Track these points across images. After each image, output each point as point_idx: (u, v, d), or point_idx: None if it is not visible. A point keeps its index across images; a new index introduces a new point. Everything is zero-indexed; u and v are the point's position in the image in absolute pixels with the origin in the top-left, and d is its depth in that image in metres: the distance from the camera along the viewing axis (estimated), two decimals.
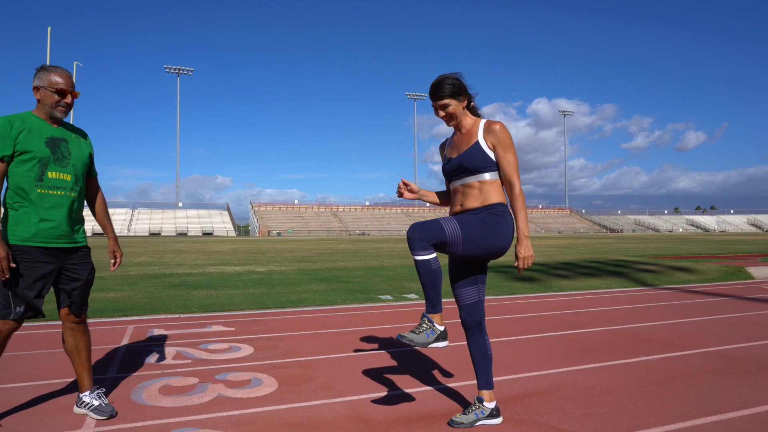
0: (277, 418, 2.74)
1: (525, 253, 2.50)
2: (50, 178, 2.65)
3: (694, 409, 2.83)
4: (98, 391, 2.84)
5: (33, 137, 2.63)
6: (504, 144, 2.57)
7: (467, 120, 2.70)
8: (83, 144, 2.86)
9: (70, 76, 2.76)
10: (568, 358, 3.93)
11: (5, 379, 3.43)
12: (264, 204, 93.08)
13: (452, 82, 2.62)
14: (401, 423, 2.66)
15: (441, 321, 2.52)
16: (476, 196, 2.61)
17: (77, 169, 2.76)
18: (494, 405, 2.67)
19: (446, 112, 2.65)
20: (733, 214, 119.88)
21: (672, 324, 5.30)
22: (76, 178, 2.75)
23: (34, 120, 2.69)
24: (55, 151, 2.68)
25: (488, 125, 2.62)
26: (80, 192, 2.80)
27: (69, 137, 2.78)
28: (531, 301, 7.01)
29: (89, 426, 2.63)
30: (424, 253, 2.43)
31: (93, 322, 5.42)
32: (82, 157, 2.81)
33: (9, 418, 2.72)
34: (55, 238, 2.67)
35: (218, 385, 3.30)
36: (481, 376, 2.70)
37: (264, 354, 4.10)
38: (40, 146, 2.64)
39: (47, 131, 2.70)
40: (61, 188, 2.68)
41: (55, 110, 2.70)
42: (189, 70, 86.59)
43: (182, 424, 2.64)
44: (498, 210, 2.57)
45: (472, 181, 2.62)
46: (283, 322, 5.50)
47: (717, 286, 8.70)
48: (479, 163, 2.59)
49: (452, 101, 2.63)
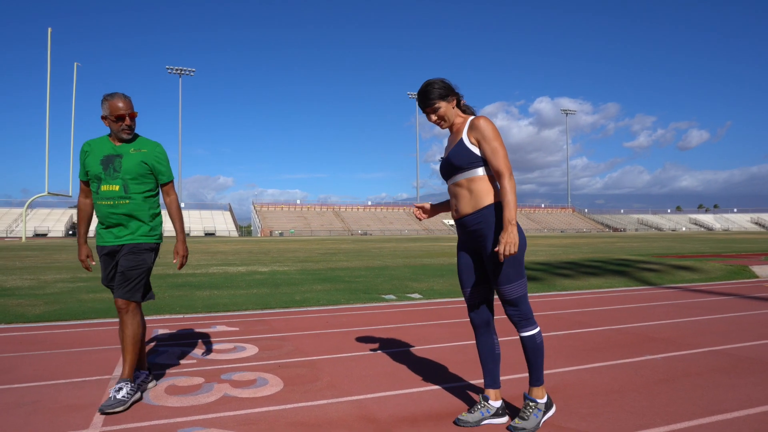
0: (283, 417, 2.74)
1: (507, 238, 2.43)
2: (103, 191, 3.09)
3: (699, 407, 2.83)
4: (121, 383, 2.94)
5: (93, 159, 3.13)
6: (488, 137, 2.56)
7: (458, 119, 2.74)
8: (139, 155, 3.17)
9: (125, 101, 3.11)
10: (572, 357, 3.93)
11: (11, 379, 3.44)
12: (266, 204, 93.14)
13: (439, 85, 2.65)
14: (407, 422, 2.66)
15: (542, 393, 2.64)
16: (467, 199, 2.62)
17: (126, 180, 3.11)
18: (500, 404, 2.68)
19: (438, 116, 2.68)
20: (736, 212, 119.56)
21: (676, 323, 5.29)
22: (125, 188, 3.10)
23: (100, 143, 3.19)
24: (107, 167, 3.10)
25: (472, 122, 2.63)
26: (133, 199, 3.13)
27: (125, 152, 3.15)
28: (534, 301, 7.01)
29: (96, 425, 2.63)
30: (532, 328, 2.60)
31: (97, 323, 5.44)
32: (134, 168, 3.13)
33: (16, 418, 2.73)
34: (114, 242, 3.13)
35: (224, 384, 3.30)
36: (487, 375, 2.71)
37: (269, 354, 4.11)
38: (96, 165, 3.10)
39: (106, 150, 3.14)
40: (110, 198, 3.08)
41: (120, 133, 3.14)
42: (191, 71, 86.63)
43: (189, 424, 2.65)
44: (490, 214, 2.58)
45: (461, 179, 2.64)
46: (287, 322, 5.51)
47: (721, 285, 8.68)
48: (465, 160, 2.60)
49: (441, 103, 2.66)
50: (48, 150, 47.02)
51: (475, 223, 2.61)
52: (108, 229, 3.14)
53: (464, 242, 2.74)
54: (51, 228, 72.69)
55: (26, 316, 5.80)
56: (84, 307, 6.34)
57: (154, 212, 3.26)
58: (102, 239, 3.17)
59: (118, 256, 3.15)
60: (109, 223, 3.12)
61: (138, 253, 3.15)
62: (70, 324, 5.39)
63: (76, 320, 5.58)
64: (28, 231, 53.60)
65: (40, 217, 75.67)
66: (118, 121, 3.09)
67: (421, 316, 5.78)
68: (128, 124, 3.11)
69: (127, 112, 3.09)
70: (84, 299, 7.04)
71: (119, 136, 3.14)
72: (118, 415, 2.78)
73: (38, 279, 9.89)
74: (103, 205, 3.10)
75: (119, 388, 2.90)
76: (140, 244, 3.17)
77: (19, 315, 5.85)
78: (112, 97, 3.08)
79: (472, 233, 2.65)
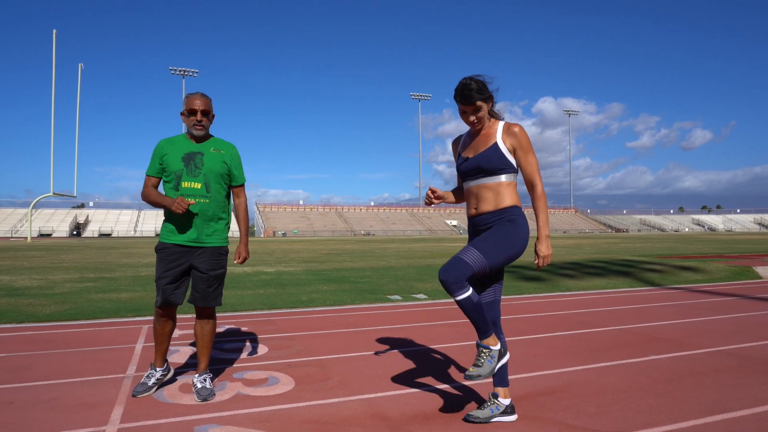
0: (296, 415, 2.81)
1: (545, 251, 2.57)
2: (184, 187, 3.14)
3: (705, 407, 2.88)
4: (204, 375, 3.17)
5: (173, 155, 3.16)
6: (525, 146, 2.62)
7: (490, 120, 2.74)
8: (220, 155, 3.24)
9: (202, 99, 3.19)
10: (578, 357, 3.98)
11: (28, 377, 3.51)
12: (269, 204, 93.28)
13: (480, 84, 2.62)
14: (419, 420, 2.72)
15: (494, 341, 2.59)
16: (490, 200, 2.65)
17: (208, 178, 3.17)
18: (509, 402, 2.73)
19: (477, 117, 2.67)
20: (739, 213, 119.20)
21: (680, 323, 5.34)
22: (206, 186, 3.16)
23: (178, 140, 3.24)
24: (188, 164, 3.15)
25: (508, 127, 2.65)
26: (213, 198, 3.19)
27: (206, 150, 3.21)
28: (539, 301, 7.06)
29: (114, 422, 2.70)
30: (463, 292, 2.48)
31: (108, 322, 5.51)
32: (216, 168, 3.20)
33: (37, 414, 2.80)
34: (189, 240, 3.16)
35: (236, 383, 3.37)
36: (496, 374, 2.75)
37: (278, 353, 4.17)
38: (177, 162, 3.15)
39: (186, 148, 3.20)
40: (191, 195, 3.13)
41: (192, 129, 3.19)
42: (194, 72, 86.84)
43: (205, 421, 2.71)
44: (511, 214, 2.63)
45: (489, 182, 2.66)
46: (294, 322, 5.57)
47: (725, 285, 8.71)
48: (497, 164, 2.63)
49: (483, 104, 2.64)
50: (53, 151, 47.21)
51: (495, 219, 2.65)
52: (184, 228, 3.15)
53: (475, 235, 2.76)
54: (55, 228, 72.96)
55: (37, 315, 5.88)
56: (93, 307, 6.42)
57: (228, 214, 3.35)
58: (176, 236, 3.15)
59: (194, 258, 3.16)
60: (188, 219, 3.13)
61: (221, 256, 3.26)
62: (81, 323, 5.46)
63: (87, 320, 5.65)
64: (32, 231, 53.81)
65: (44, 217, 75.96)
66: (190, 115, 3.16)
67: (427, 317, 5.84)
68: (199, 119, 3.15)
69: (200, 108, 3.14)
70: (93, 299, 7.12)
71: (191, 131, 3.19)
72: (136, 412, 2.84)
73: (47, 279, 9.97)
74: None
75: (204, 379, 3.15)
76: (221, 247, 3.26)
77: (30, 314, 5.92)
78: (192, 94, 3.19)
79: (486, 229, 2.68)
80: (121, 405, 2.96)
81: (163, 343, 3.30)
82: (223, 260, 3.28)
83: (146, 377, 3.22)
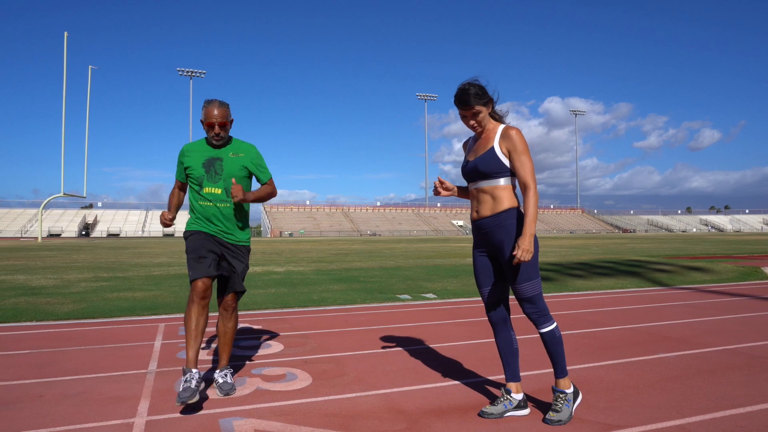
0: (315, 409, 2.90)
1: (524, 246, 2.58)
2: (205, 192, 3.26)
3: (713, 403, 2.95)
4: (225, 371, 3.28)
5: (195, 162, 3.29)
6: (519, 149, 2.66)
7: (490, 124, 2.81)
8: (239, 159, 3.33)
9: (220, 109, 3.24)
10: (588, 355, 4.06)
11: (54, 372, 3.63)
12: (275, 205, 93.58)
13: (479, 89, 2.71)
14: (434, 414, 2.81)
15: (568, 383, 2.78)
16: (488, 203, 2.74)
17: (228, 183, 3.27)
18: (522, 396, 2.82)
19: (476, 120, 2.76)
20: (748, 213, 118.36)
21: (689, 323, 5.39)
22: (226, 191, 3.27)
23: (199, 146, 3.35)
24: (209, 170, 3.27)
25: (505, 131, 2.71)
26: (233, 202, 3.27)
27: (225, 155, 3.31)
28: (548, 301, 7.12)
29: (142, 414, 2.81)
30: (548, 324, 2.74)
31: (125, 320, 5.63)
32: (235, 172, 3.30)
33: (67, 408, 2.91)
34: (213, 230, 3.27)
35: (255, 378, 3.47)
36: (508, 369, 2.86)
37: (294, 350, 4.27)
38: (199, 168, 3.28)
39: (206, 153, 3.30)
40: (211, 201, 3.25)
41: (211, 139, 3.29)
42: (201, 73, 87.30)
43: (228, 414, 2.82)
44: (507, 218, 2.71)
45: (486, 185, 2.75)
46: (307, 320, 5.67)
47: (733, 286, 8.74)
48: (493, 168, 2.70)
49: (482, 108, 2.74)
50: (63, 152, 47.62)
51: (494, 225, 2.73)
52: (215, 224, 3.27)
53: (480, 244, 2.86)
54: (64, 228, 73.58)
55: (56, 313, 6.02)
56: (110, 306, 6.55)
57: (248, 214, 3.47)
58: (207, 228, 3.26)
59: (226, 249, 3.28)
60: (213, 221, 3.26)
61: (245, 255, 3.40)
62: (99, 321, 5.59)
63: (104, 318, 5.78)
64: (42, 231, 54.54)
65: (53, 217, 76.62)
66: (209, 129, 3.24)
67: (437, 315, 5.92)
68: (216, 132, 3.23)
69: (217, 121, 3.20)
70: (109, 298, 7.26)
71: (211, 141, 3.29)
72: (163, 405, 2.95)
73: (62, 278, 10.14)
74: (206, 206, 3.26)
75: (225, 374, 3.26)
76: (245, 246, 3.41)
77: (49, 313, 6.06)
78: (209, 104, 3.23)
79: (487, 234, 2.77)
80: (147, 399, 3.07)
81: (197, 338, 3.10)
82: (246, 259, 3.41)
83: (186, 381, 2.91)
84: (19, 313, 6.05)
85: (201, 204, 3.27)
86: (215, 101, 3.24)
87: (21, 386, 3.31)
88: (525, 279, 2.69)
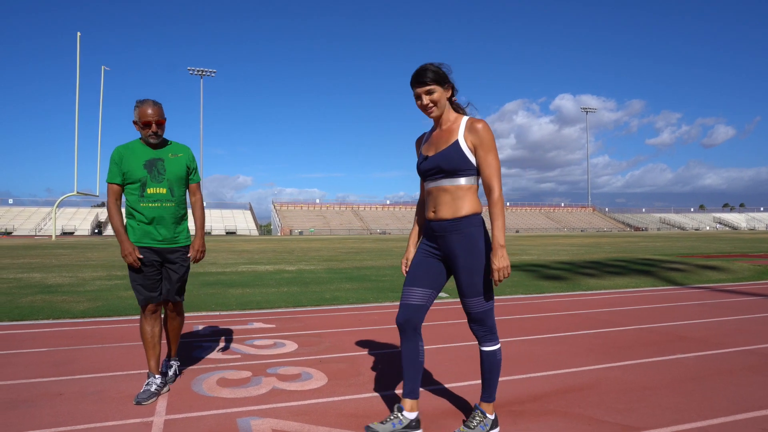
0: (332, 408, 2.91)
1: (499, 264, 2.34)
2: (149, 193, 3.24)
3: (735, 404, 2.92)
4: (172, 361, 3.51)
5: (134, 163, 3.24)
6: (486, 145, 2.40)
7: (449, 114, 2.53)
8: (179, 159, 3.36)
9: (154, 108, 3.24)
10: (604, 355, 4.02)
11: (73, 370, 3.67)
12: (286, 203, 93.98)
13: (437, 69, 2.46)
14: (451, 415, 2.80)
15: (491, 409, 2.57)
16: (449, 204, 2.46)
17: (172, 183, 3.30)
18: (415, 416, 2.56)
19: (430, 99, 2.46)
20: (763, 211, 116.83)
21: (706, 323, 5.33)
22: (171, 191, 3.29)
23: (136, 146, 3.31)
24: (151, 170, 3.26)
25: (471, 123, 2.44)
26: (177, 200, 3.33)
27: (165, 156, 3.33)
28: (561, 300, 7.08)
29: (160, 413, 2.83)
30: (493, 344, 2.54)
31: (132, 319, 5.67)
32: (177, 172, 3.33)
33: (87, 406, 2.94)
34: (158, 241, 3.28)
35: (271, 378, 3.48)
36: (407, 383, 2.57)
37: (308, 350, 4.28)
38: (139, 169, 3.24)
39: (146, 155, 3.29)
40: (157, 201, 3.25)
41: (148, 138, 3.27)
42: (212, 72, 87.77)
43: (246, 414, 2.83)
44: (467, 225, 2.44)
45: (447, 184, 2.47)
46: (320, 319, 5.68)
47: (749, 285, 8.63)
48: (457, 164, 2.43)
49: (437, 87, 2.45)
50: (77, 151, 48.15)
51: (452, 230, 2.46)
52: (154, 228, 3.24)
53: (430, 243, 2.58)
54: (77, 227, 74.40)
55: (72, 312, 6.08)
56: (125, 304, 6.61)
57: (186, 213, 3.50)
58: (146, 239, 3.25)
59: (166, 257, 3.32)
60: (156, 223, 3.25)
61: (185, 255, 3.42)
62: (114, 320, 5.64)
63: (119, 316, 5.83)
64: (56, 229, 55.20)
65: (66, 216, 77.50)
66: (145, 127, 3.22)
67: (450, 315, 5.91)
68: (154, 131, 3.24)
69: (154, 120, 3.21)
70: (123, 296, 7.32)
71: (147, 141, 3.27)
72: (181, 404, 2.97)
73: (77, 276, 10.25)
74: (150, 207, 3.22)
75: (171, 365, 3.45)
76: (187, 247, 3.43)
77: (65, 311, 6.13)
78: (143, 103, 3.22)
79: (443, 239, 2.50)
80: (164, 398, 3.09)
81: (155, 347, 3.32)
82: (188, 259, 3.45)
83: (147, 384, 3.14)
84: (36, 311, 6.12)
85: (144, 206, 3.22)
86: (148, 100, 3.24)
87: (40, 384, 3.35)
88: (478, 293, 2.45)
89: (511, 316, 5.81)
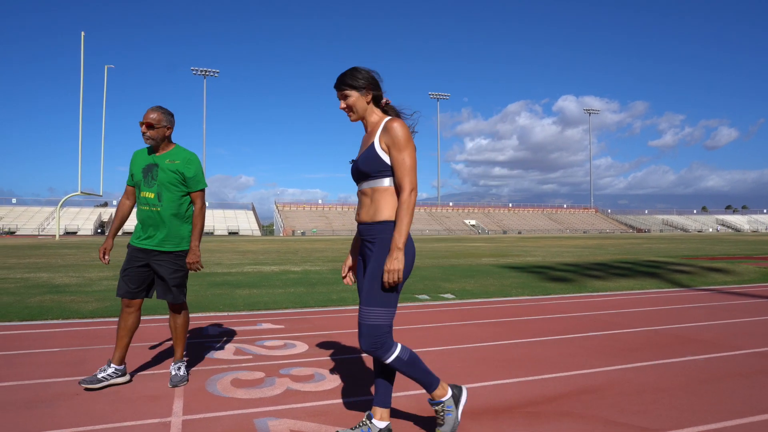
0: (348, 409, 2.92)
1: (391, 265, 2.24)
2: (142, 197, 3.43)
3: (750, 406, 2.92)
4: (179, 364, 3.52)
5: (137, 167, 3.47)
6: (398, 144, 2.33)
7: (373, 117, 2.50)
8: (173, 165, 3.43)
9: (150, 112, 3.38)
10: (614, 357, 4.03)
11: (85, 371, 3.68)
12: (288, 204, 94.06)
13: (357, 74, 2.44)
14: (466, 415, 2.81)
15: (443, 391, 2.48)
16: (367, 208, 2.42)
17: (161, 188, 3.40)
18: (385, 425, 2.48)
19: (347, 104, 2.46)
20: (766, 213, 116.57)
21: (714, 325, 5.34)
22: (158, 196, 3.40)
23: (144, 152, 3.51)
24: (146, 175, 3.42)
25: (386, 124, 2.39)
26: (164, 206, 3.40)
27: (161, 162, 3.43)
28: (567, 302, 7.09)
29: (177, 413, 2.85)
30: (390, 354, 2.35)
31: (148, 319, 5.70)
32: (167, 178, 3.41)
33: (103, 406, 2.96)
34: (144, 242, 3.43)
35: (284, 379, 3.50)
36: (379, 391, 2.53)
37: (319, 350, 4.29)
38: (139, 173, 3.45)
39: (147, 160, 3.46)
40: (146, 204, 3.40)
41: (144, 141, 3.44)
42: (215, 72, 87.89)
43: (262, 414, 2.84)
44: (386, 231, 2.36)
45: (366, 187, 2.43)
46: (328, 320, 5.70)
47: (756, 287, 8.62)
48: (373, 167, 2.38)
49: (353, 93, 2.43)
50: (81, 151, 48.25)
51: (367, 234, 2.42)
52: (142, 230, 3.43)
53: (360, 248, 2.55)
54: (80, 226, 74.56)
55: (81, 312, 6.11)
56: None
57: (186, 219, 3.50)
58: (138, 239, 3.44)
59: (152, 258, 3.40)
60: (146, 225, 3.42)
61: (173, 261, 3.44)
62: None
63: None
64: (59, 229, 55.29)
65: (69, 215, 77.68)
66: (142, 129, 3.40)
67: (457, 316, 5.92)
68: (143, 132, 3.37)
69: (145, 121, 3.35)
70: None
71: (150, 147, 3.47)
72: (197, 404, 2.99)
73: (83, 276, 10.28)
74: (141, 210, 3.44)
75: (179, 367, 3.48)
76: (173, 253, 3.44)
77: (74, 311, 6.15)
78: (149, 108, 3.40)
79: (362, 242, 2.48)
80: (180, 398, 3.11)
81: (123, 338, 3.41)
82: (180, 263, 3.46)
83: (100, 371, 3.31)
84: (45, 311, 6.15)
85: (138, 208, 3.46)
86: (156, 107, 3.41)
87: (56, 384, 3.37)
88: (371, 303, 2.30)
89: (518, 318, 5.82)
